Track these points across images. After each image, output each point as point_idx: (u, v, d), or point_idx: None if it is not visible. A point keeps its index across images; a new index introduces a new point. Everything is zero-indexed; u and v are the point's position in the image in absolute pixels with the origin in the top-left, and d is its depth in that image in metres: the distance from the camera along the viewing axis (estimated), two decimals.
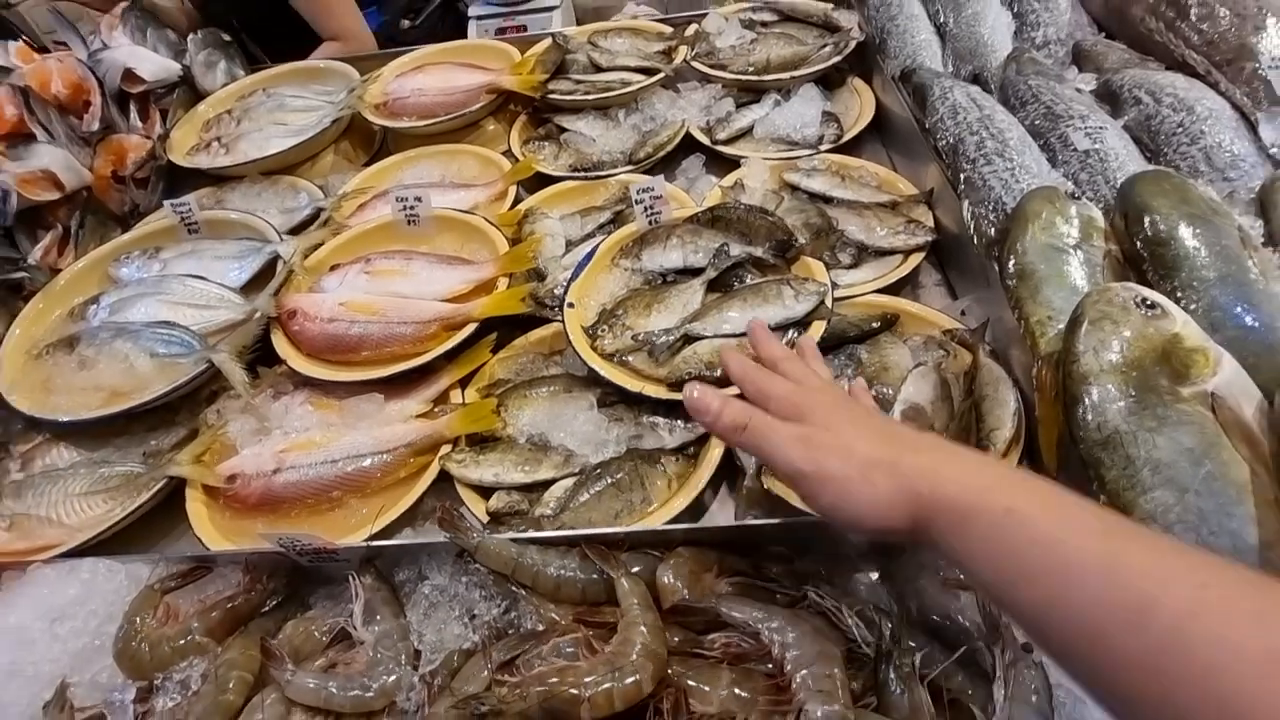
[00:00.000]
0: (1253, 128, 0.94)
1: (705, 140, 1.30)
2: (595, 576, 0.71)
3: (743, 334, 0.90)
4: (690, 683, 0.63)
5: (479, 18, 3.01)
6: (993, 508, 0.45)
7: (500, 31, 2.90)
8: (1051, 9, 1.22)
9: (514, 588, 0.72)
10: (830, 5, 1.45)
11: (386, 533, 0.85)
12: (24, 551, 0.87)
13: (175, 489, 0.92)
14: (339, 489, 0.89)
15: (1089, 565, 0.41)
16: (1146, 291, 0.67)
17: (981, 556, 0.46)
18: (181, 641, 0.73)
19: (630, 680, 0.61)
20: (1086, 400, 0.64)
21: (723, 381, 0.86)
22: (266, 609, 0.78)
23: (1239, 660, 0.35)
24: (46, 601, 0.76)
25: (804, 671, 0.61)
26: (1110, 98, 1.05)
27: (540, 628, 0.70)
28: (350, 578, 0.74)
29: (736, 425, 0.56)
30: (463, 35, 3.08)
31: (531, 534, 0.75)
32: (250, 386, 0.97)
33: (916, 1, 1.34)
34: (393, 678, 0.67)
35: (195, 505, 0.90)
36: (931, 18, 1.32)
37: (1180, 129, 0.95)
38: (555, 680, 0.62)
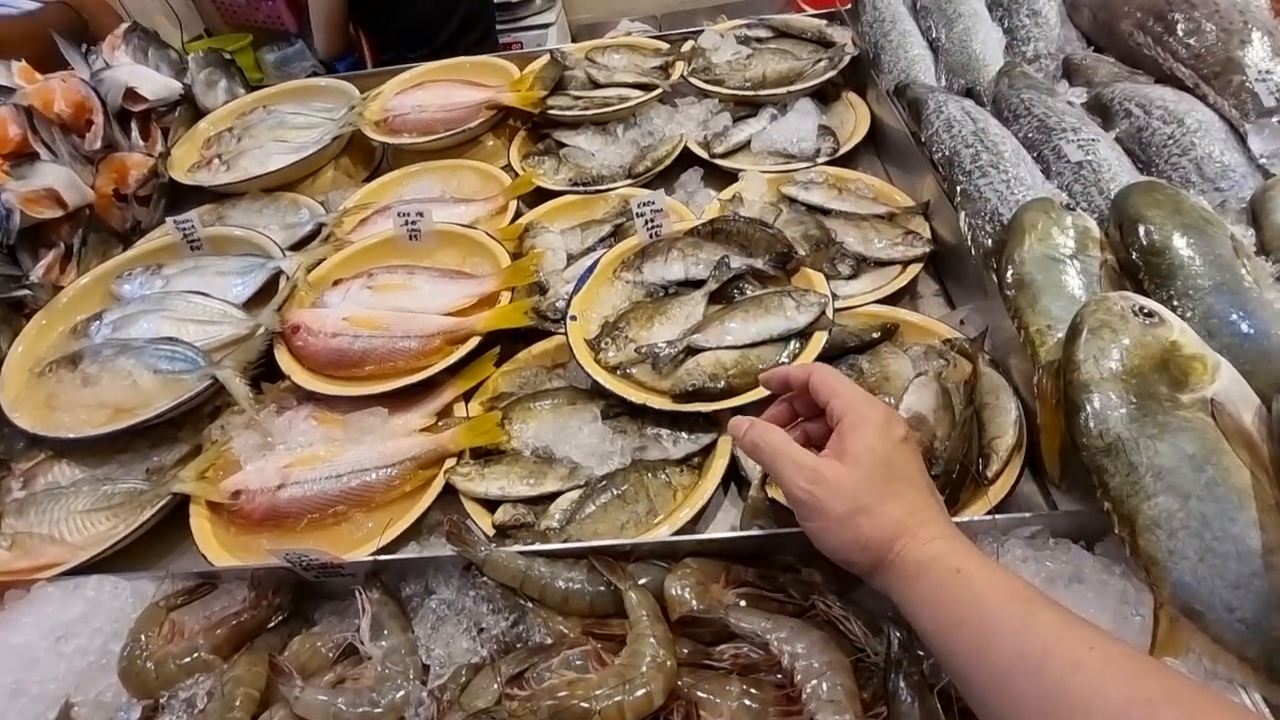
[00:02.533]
0: (1241, 139, 0.96)
1: (703, 154, 1.31)
2: (603, 589, 0.71)
3: (745, 345, 0.91)
4: (701, 694, 0.63)
5: None
6: (944, 567, 0.55)
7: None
8: (1041, 24, 1.25)
9: (522, 600, 0.72)
10: (824, 22, 1.48)
11: (392, 547, 0.85)
12: (26, 570, 0.86)
13: (178, 506, 0.92)
14: (344, 503, 0.89)
15: (1007, 620, 0.51)
16: (1144, 300, 0.68)
17: (927, 606, 0.55)
18: (187, 659, 0.73)
19: (641, 692, 0.61)
20: (1088, 408, 0.65)
21: (724, 393, 0.88)
22: (272, 625, 0.77)
23: (1106, 705, 0.45)
24: (51, 620, 0.75)
25: (814, 681, 0.61)
26: (1101, 110, 1.07)
27: (549, 641, 0.69)
28: (357, 592, 0.74)
29: (757, 437, 0.64)
30: None
31: (539, 546, 0.75)
32: (254, 402, 0.97)
33: (909, 18, 1.37)
34: (401, 693, 0.67)
35: (199, 521, 0.90)
36: (924, 33, 1.35)
37: (1171, 140, 0.96)
38: (565, 693, 0.62)
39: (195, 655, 0.73)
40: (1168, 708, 0.44)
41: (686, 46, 1.49)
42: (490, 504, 0.87)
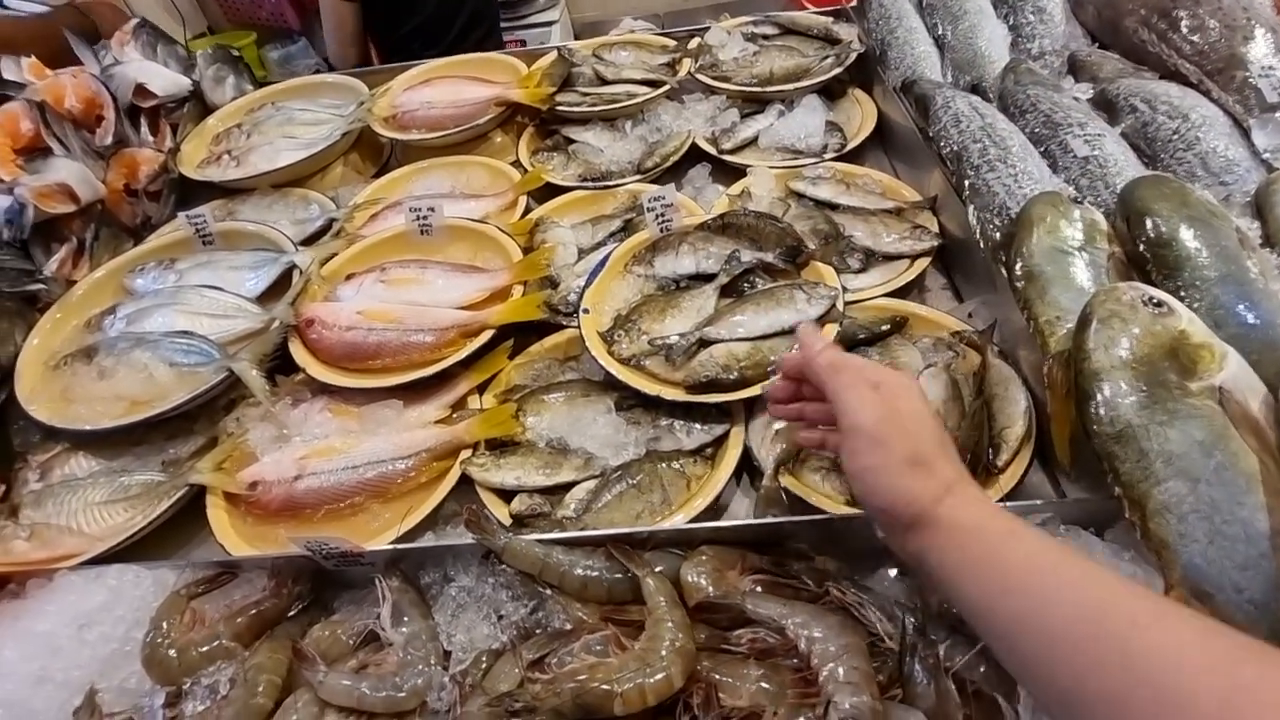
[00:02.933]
0: (1245, 134, 0.97)
1: (711, 150, 1.32)
2: (621, 576, 0.72)
3: (757, 337, 0.92)
4: (719, 677, 0.64)
5: None
6: (998, 528, 0.53)
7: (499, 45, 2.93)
8: (1046, 21, 1.26)
9: (541, 587, 0.73)
10: (830, 19, 1.49)
11: (408, 537, 0.86)
12: (45, 561, 0.87)
13: (194, 497, 0.93)
14: (360, 494, 0.90)
15: (1061, 578, 0.49)
16: (1153, 290, 0.70)
17: (973, 569, 0.52)
18: (209, 646, 0.74)
19: (661, 675, 0.62)
20: (1099, 396, 0.66)
21: (737, 384, 0.89)
22: (292, 614, 0.78)
23: (1168, 663, 0.42)
24: (74, 608, 0.76)
25: (831, 664, 0.62)
26: (1106, 106, 1.09)
27: (568, 626, 0.70)
28: (377, 580, 0.75)
29: (831, 362, 0.62)
30: None
31: (557, 535, 0.76)
32: (269, 394, 0.98)
33: (915, 15, 1.38)
34: (424, 678, 0.68)
35: (216, 512, 0.90)
36: (930, 30, 1.36)
37: (1176, 135, 0.98)
38: (586, 676, 0.63)
39: (217, 643, 0.74)
40: (1241, 665, 0.42)
41: (693, 43, 1.50)
42: (505, 495, 0.88)
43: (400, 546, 0.78)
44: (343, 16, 1.89)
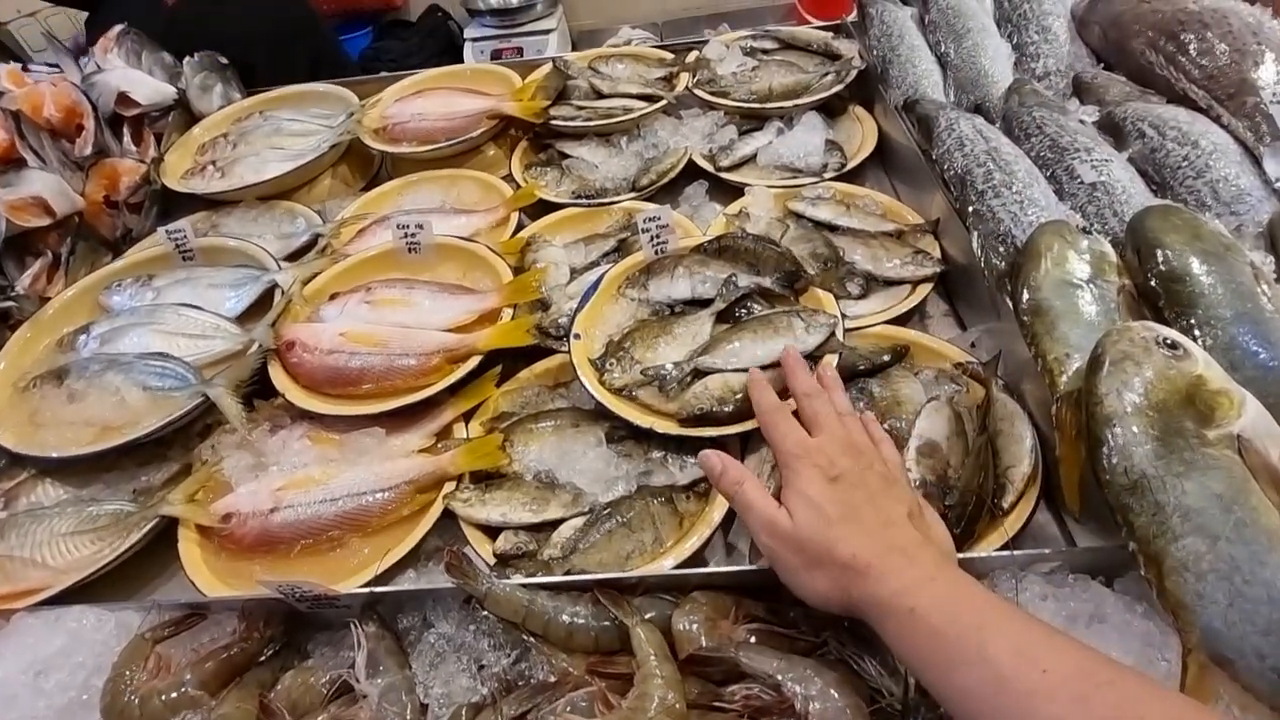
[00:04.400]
0: (1257, 161, 0.95)
1: (708, 167, 1.29)
2: (608, 623, 0.69)
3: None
4: None
5: (474, 40, 3.02)
6: (900, 610, 0.54)
7: (496, 54, 2.91)
8: (1051, 41, 1.24)
9: (524, 636, 0.69)
10: (830, 34, 1.46)
11: (389, 574, 0.82)
12: (6, 596, 0.83)
13: (166, 528, 0.89)
14: (339, 528, 0.86)
15: (964, 653, 0.51)
16: (1167, 331, 0.67)
17: (898, 647, 0.55)
18: (174, 695, 0.70)
19: None
20: (1111, 443, 0.63)
21: (732, 418, 0.85)
22: (264, 658, 0.75)
23: None
24: (31, 653, 0.72)
25: None
26: (1113, 130, 1.06)
27: (552, 679, 0.67)
28: (352, 626, 0.71)
29: (731, 486, 0.67)
30: (453, 50, 3.09)
31: (542, 579, 0.72)
32: (247, 421, 0.94)
33: (917, 32, 1.35)
34: None
35: (188, 546, 0.86)
36: (932, 48, 1.33)
37: (1186, 162, 0.95)
38: None
39: (182, 691, 0.70)
40: None
41: (691, 57, 1.47)
42: (491, 530, 0.85)
43: (377, 590, 0.74)
44: None
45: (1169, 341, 0.66)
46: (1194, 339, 0.70)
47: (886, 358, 0.94)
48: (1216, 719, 0.50)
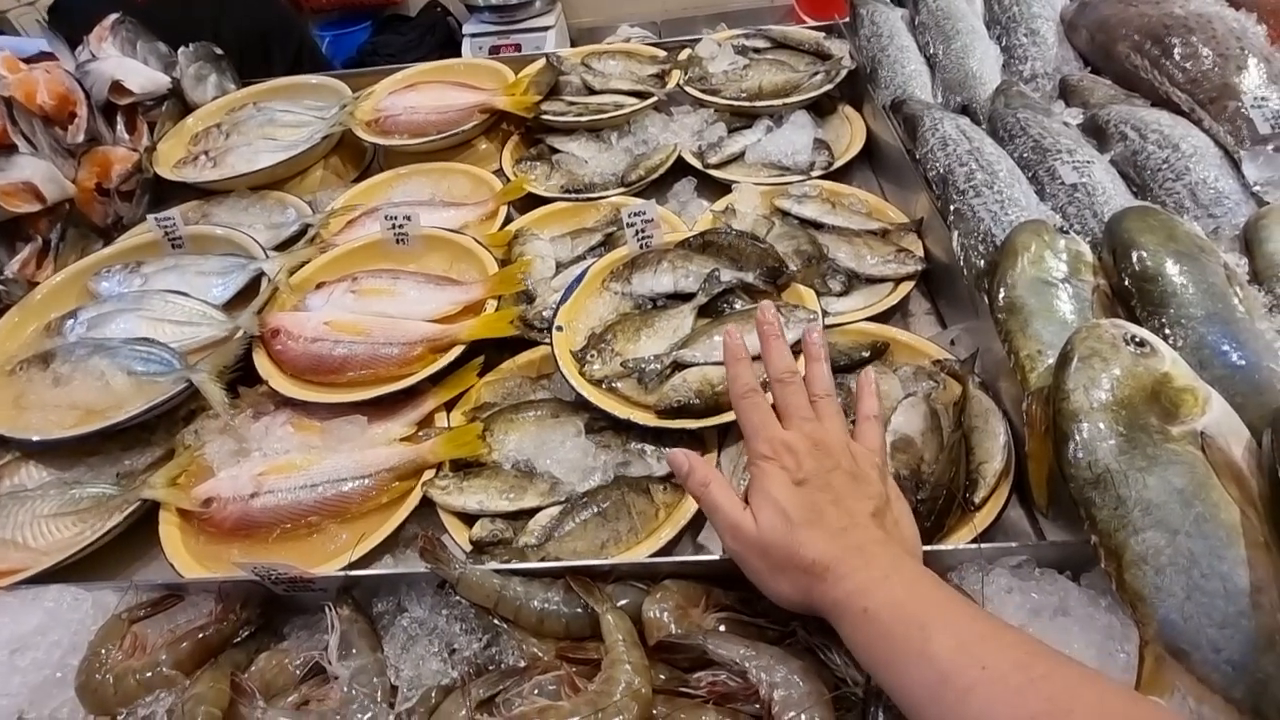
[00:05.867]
0: (1236, 165, 0.95)
1: (697, 164, 1.30)
2: (580, 610, 0.69)
3: None
4: None
5: (473, 35, 3.03)
6: (854, 610, 0.55)
7: (494, 50, 2.92)
8: (1039, 44, 1.25)
9: (496, 621, 0.70)
10: (822, 34, 1.47)
11: (366, 559, 0.83)
12: None
13: (148, 511, 0.89)
14: (318, 514, 0.87)
15: (908, 651, 0.52)
16: (1135, 329, 0.67)
17: (853, 646, 0.57)
18: (148, 674, 0.70)
19: None
20: (1077, 438, 0.63)
21: (709, 410, 0.86)
22: (239, 639, 0.75)
23: None
24: (7, 631, 0.73)
25: (792, 713, 0.60)
26: (1096, 132, 1.07)
27: (522, 663, 0.68)
28: (326, 609, 0.72)
29: (698, 487, 0.66)
30: (452, 46, 3.10)
31: (515, 565, 0.73)
32: (230, 407, 0.95)
33: (907, 33, 1.36)
34: (368, 715, 0.65)
35: (169, 529, 0.87)
36: (921, 49, 1.34)
37: (1166, 165, 0.96)
38: None
39: (156, 670, 0.71)
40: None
41: (684, 55, 1.48)
42: (468, 518, 0.85)
43: (353, 574, 0.75)
44: None
45: (1136, 339, 0.66)
46: (1165, 338, 0.71)
47: (865, 354, 0.94)
48: (1149, 706, 0.50)
